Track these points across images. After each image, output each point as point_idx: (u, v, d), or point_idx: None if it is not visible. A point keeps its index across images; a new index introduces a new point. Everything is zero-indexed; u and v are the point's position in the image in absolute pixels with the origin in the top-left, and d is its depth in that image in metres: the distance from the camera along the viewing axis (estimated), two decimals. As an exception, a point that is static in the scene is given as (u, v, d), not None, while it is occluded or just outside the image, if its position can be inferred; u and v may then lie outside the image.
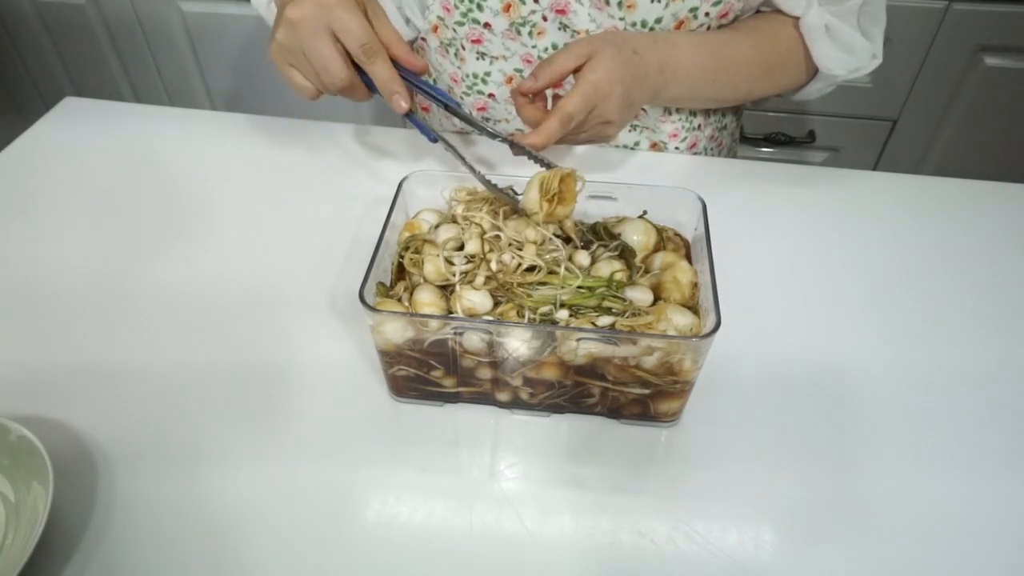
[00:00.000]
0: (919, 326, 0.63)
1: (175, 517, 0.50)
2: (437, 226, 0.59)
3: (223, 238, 0.72)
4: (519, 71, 0.78)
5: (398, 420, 0.56)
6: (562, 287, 0.52)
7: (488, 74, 0.79)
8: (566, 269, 0.54)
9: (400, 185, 0.60)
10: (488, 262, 0.54)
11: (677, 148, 0.83)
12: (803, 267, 0.68)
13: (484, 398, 0.56)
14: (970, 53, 1.32)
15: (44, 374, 0.59)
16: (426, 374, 0.54)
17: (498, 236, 0.56)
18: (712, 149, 0.88)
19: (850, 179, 0.79)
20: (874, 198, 0.76)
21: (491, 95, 0.81)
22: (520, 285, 0.52)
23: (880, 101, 1.41)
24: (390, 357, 0.53)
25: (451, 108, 0.66)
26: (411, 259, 0.56)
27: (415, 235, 0.58)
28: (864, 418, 0.56)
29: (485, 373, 0.53)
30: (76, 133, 0.85)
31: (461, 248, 0.57)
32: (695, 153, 0.85)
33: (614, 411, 0.55)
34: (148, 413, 0.56)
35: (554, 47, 0.75)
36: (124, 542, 0.49)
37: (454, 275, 0.54)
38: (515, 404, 0.56)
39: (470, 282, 0.54)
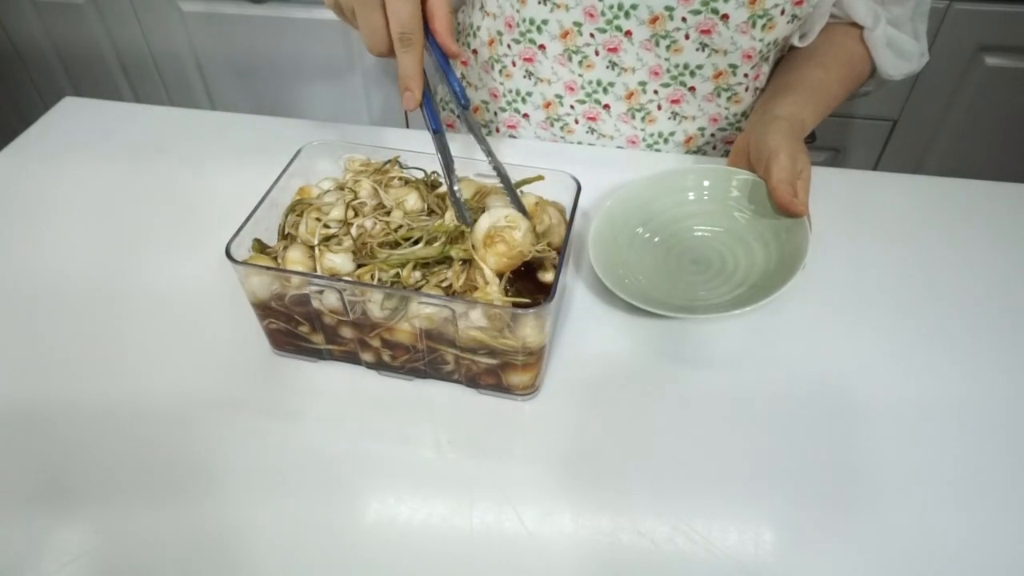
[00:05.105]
0: (919, 326, 0.63)
1: (172, 516, 0.50)
2: (326, 192, 0.61)
3: (223, 238, 0.72)
4: (559, 96, 0.81)
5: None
6: (408, 242, 0.54)
7: (530, 94, 0.82)
8: (415, 225, 0.56)
9: (298, 152, 0.62)
10: (351, 226, 0.56)
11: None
12: (803, 267, 0.68)
13: (352, 358, 0.58)
14: (970, 53, 1.32)
15: (43, 373, 0.59)
16: (295, 329, 0.56)
17: (364, 203, 0.58)
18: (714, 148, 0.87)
19: (850, 179, 0.79)
20: (874, 198, 0.76)
21: (526, 115, 0.84)
22: (381, 245, 0.54)
23: (880, 101, 1.41)
24: (261, 310, 0.56)
25: (460, 104, 0.61)
26: (293, 221, 0.58)
27: (302, 199, 0.60)
28: (864, 418, 0.56)
29: (347, 332, 0.56)
30: (76, 133, 0.85)
31: None
32: (688, 150, 0.84)
33: (471, 380, 0.56)
34: (145, 412, 0.56)
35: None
36: (123, 541, 0.49)
37: (314, 236, 0.56)
38: (380, 365, 0.58)
39: (338, 244, 0.56)
